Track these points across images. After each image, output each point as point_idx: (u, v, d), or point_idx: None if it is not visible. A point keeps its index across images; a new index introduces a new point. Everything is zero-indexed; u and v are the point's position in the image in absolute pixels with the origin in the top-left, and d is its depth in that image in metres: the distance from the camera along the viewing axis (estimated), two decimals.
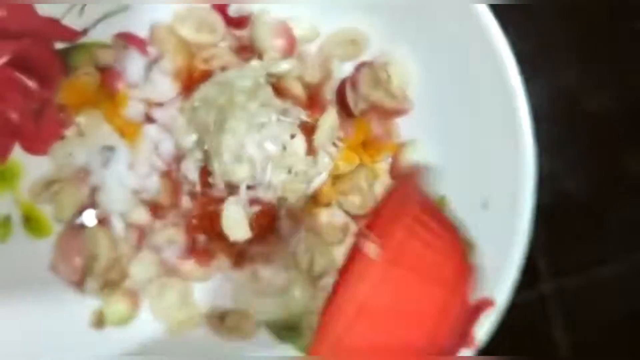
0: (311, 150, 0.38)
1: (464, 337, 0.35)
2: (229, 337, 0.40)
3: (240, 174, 0.36)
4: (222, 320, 0.40)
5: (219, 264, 0.40)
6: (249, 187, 0.37)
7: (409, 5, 0.38)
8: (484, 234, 0.37)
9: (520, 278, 0.45)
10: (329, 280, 0.42)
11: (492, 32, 0.36)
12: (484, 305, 0.35)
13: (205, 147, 0.36)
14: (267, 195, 0.38)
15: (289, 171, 0.37)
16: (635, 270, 0.46)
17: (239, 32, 0.42)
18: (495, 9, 0.36)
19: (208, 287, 0.41)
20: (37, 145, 0.40)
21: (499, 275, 0.35)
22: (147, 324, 0.40)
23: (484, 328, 0.35)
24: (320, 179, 0.38)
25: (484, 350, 0.40)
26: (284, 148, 0.37)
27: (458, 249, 0.35)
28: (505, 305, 0.36)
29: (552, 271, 0.46)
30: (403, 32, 0.40)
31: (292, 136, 0.37)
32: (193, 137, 0.38)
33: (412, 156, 0.41)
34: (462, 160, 0.40)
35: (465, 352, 0.35)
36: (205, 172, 0.37)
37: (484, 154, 0.38)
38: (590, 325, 0.45)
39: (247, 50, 0.41)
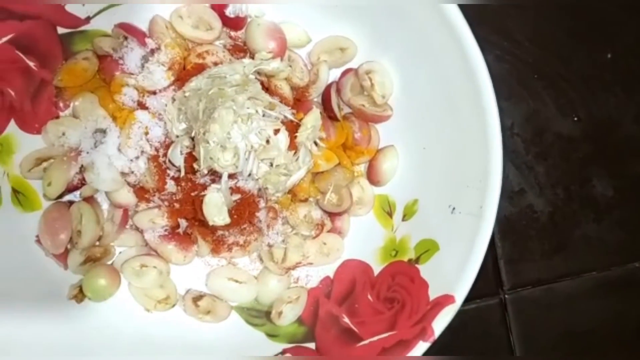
0: (293, 147, 0.40)
1: (423, 330, 0.37)
2: (202, 319, 0.42)
3: (224, 161, 0.38)
4: (196, 303, 0.42)
5: (198, 249, 0.42)
6: (231, 176, 0.39)
7: (396, 19, 0.41)
8: (449, 236, 0.40)
9: (484, 286, 0.48)
10: (299, 272, 0.44)
11: (471, 51, 0.38)
12: (444, 301, 0.37)
13: (193, 134, 0.38)
14: (249, 185, 0.40)
15: (271, 164, 0.39)
16: (590, 288, 0.48)
17: (234, 33, 0.44)
18: (475, 32, 0.39)
19: (186, 270, 0.43)
20: (31, 124, 0.41)
21: (460, 275, 0.38)
22: (126, 301, 0.42)
23: (443, 323, 0.37)
24: (299, 174, 0.40)
25: (449, 347, 0.42)
26: (267, 142, 0.39)
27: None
28: (465, 304, 0.38)
29: (514, 282, 0.48)
30: (388, 44, 0.43)
31: (276, 131, 0.39)
32: (182, 125, 0.39)
33: (389, 161, 0.44)
34: (434, 167, 0.42)
35: (423, 345, 0.37)
36: (191, 159, 0.39)
37: (456, 163, 0.41)
38: (541, 336, 0.48)
39: (240, 50, 0.44)
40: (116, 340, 0.41)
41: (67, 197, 0.42)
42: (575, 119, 0.49)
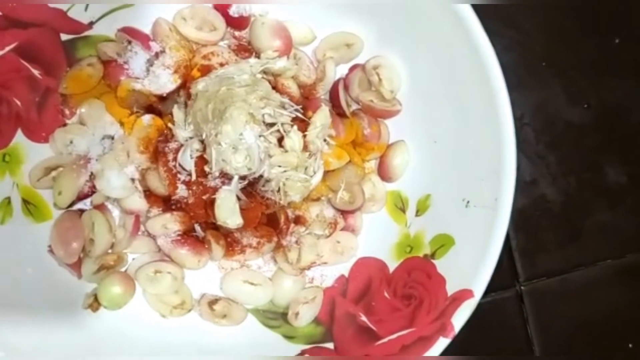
0: (303, 146, 0.40)
1: (443, 326, 0.37)
2: (218, 323, 0.42)
3: (236, 163, 0.37)
4: (212, 307, 0.42)
5: (211, 253, 0.42)
6: (243, 179, 0.39)
7: (402, 12, 0.40)
8: (464, 230, 0.39)
9: (500, 278, 0.48)
10: (314, 272, 0.43)
11: (480, 41, 0.38)
12: (463, 296, 0.37)
13: (203, 137, 0.38)
14: (264, 188, 0.39)
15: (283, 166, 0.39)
16: (606, 276, 0.48)
17: (238, 33, 0.44)
18: (483, 22, 0.38)
19: (200, 274, 0.42)
20: (38, 133, 0.41)
21: (478, 269, 0.37)
22: (141, 308, 0.41)
23: (462, 318, 0.37)
24: (318, 177, 0.40)
25: (466, 341, 0.42)
26: (279, 142, 0.38)
27: None
28: (481, 298, 0.37)
29: (529, 273, 0.48)
30: (395, 38, 0.42)
31: (288, 131, 0.39)
32: (191, 128, 0.39)
33: (399, 156, 0.43)
34: (446, 161, 0.42)
35: (444, 341, 0.37)
36: (202, 162, 0.39)
37: (468, 155, 0.40)
38: (558, 326, 0.47)
39: (245, 50, 0.43)
40: (132, 348, 0.41)
41: (77, 206, 0.41)
42: (586, 106, 0.48)
